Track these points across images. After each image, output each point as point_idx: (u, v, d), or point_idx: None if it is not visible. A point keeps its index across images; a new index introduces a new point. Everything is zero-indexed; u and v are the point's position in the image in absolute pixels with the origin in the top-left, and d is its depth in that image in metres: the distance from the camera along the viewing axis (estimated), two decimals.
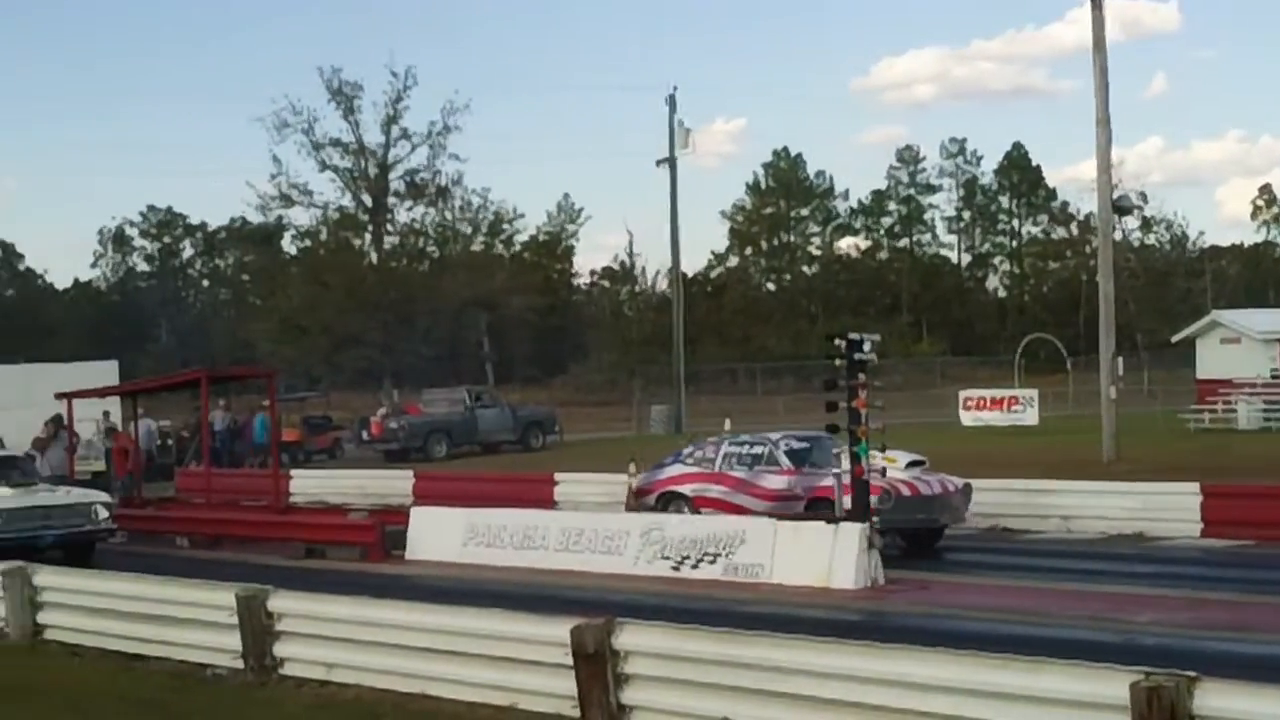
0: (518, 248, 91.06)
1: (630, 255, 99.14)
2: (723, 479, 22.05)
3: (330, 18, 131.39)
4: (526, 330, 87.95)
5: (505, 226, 74.91)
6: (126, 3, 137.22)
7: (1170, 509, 21.56)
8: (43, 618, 15.69)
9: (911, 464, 21.53)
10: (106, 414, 35.73)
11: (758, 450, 22.17)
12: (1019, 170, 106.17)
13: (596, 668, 10.61)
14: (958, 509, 21.05)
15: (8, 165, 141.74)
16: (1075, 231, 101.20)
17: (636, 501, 23.45)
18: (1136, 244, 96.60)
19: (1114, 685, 8.33)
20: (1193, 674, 8.18)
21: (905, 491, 20.12)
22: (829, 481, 19.65)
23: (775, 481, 21.38)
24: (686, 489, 22.49)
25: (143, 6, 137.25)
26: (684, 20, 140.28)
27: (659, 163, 56.33)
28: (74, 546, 21.36)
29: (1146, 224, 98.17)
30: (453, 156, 65.00)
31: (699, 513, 21.67)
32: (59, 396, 27.41)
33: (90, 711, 12.40)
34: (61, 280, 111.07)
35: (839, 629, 13.11)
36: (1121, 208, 45.70)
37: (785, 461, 21.60)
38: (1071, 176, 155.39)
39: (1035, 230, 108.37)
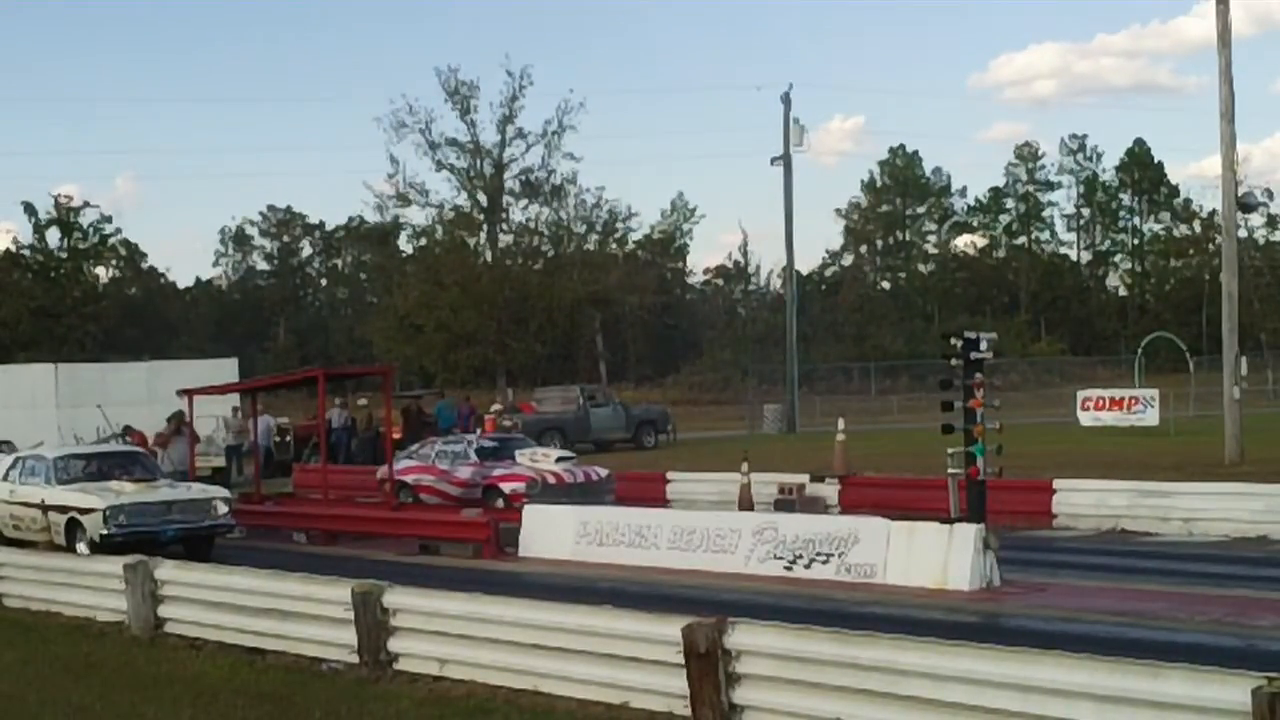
0: (632, 246, 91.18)
1: (744, 254, 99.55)
2: (433, 470, 26.80)
3: (448, 19, 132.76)
4: (640, 329, 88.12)
5: (619, 225, 74.96)
6: (247, 5, 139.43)
7: None
8: (164, 611, 15.95)
9: (561, 459, 26.40)
10: (236, 410, 36.29)
11: (457, 448, 27.29)
12: (1141, 167, 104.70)
13: (708, 667, 10.58)
14: (602, 494, 25.15)
15: (131, 166, 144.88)
16: (1198, 229, 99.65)
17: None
18: (1262, 241, 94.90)
19: (1236, 690, 8.19)
20: None
21: (551, 480, 24.99)
22: (500, 472, 25.57)
23: (464, 473, 26.20)
24: (410, 478, 27.19)
25: (263, 9, 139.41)
26: (801, 18, 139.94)
27: (774, 161, 56.06)
28: (194, 541, 21.63)
29: (1272, 221, 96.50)
30: (567, 156, 65.41)
31: (418, 498, 26.55)
32: (180, 393, 27.83)
33: (211, 704, 12.56)
34: (184, 279, 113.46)
35: (955, 631, 12.95)
36: (1246, 205, 44.67)
37: (473, 457, 26.51)
38: (1195, 173, 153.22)
39: (1157, 228, 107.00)
